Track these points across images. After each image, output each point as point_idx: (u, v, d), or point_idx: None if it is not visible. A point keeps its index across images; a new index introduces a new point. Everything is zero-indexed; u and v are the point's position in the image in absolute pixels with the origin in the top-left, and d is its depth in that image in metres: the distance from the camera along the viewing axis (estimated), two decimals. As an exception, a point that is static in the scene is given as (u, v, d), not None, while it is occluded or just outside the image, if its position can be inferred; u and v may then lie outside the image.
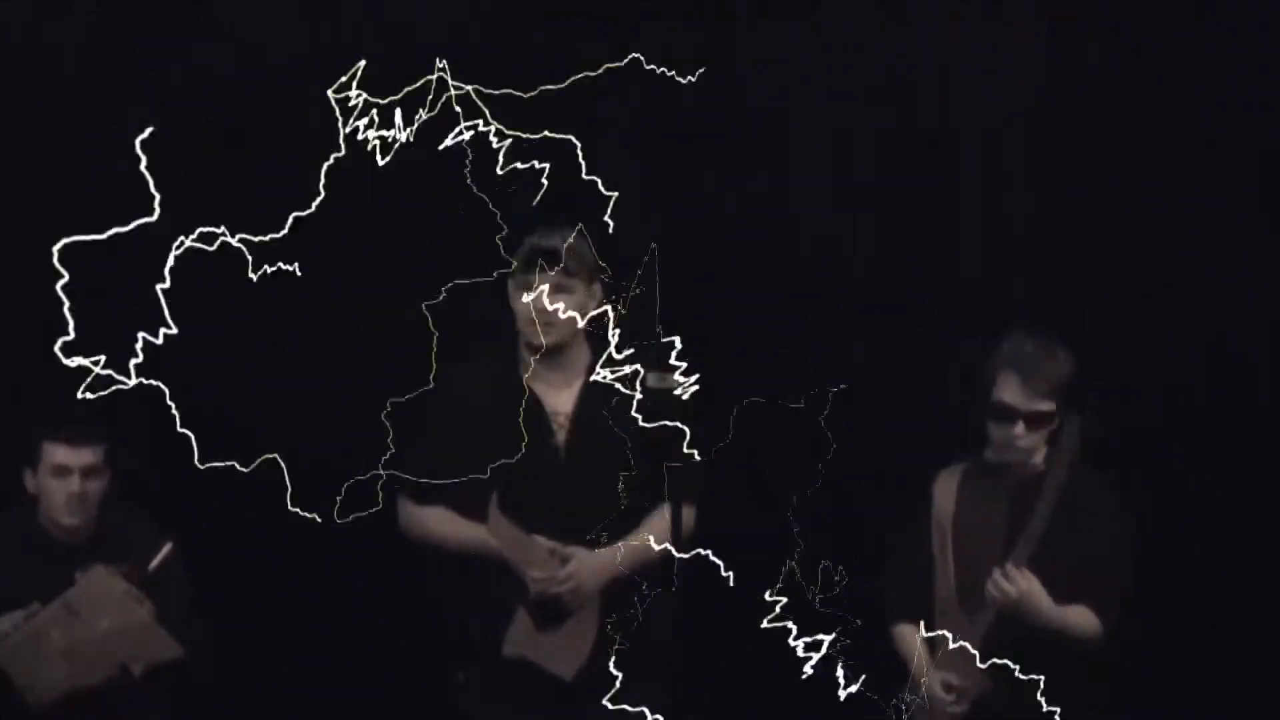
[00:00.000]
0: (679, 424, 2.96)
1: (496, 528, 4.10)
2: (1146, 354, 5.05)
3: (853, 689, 2.99)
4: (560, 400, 4.19)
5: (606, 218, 2.94)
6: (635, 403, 2.92)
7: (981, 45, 5.25)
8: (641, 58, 2.98)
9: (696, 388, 2.94)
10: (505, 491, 4.05)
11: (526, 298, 3.99)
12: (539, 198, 2.76)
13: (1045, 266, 5.18)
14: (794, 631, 2.87)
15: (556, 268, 3.96)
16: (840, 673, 2.95)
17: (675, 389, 3.07)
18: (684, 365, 2.98)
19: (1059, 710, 4.15)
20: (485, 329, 4.17)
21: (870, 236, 5.26)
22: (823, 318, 5.27)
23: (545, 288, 3.95)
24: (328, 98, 2.73)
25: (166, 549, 4.60)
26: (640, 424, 2.90)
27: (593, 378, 3.19)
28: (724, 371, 5.07)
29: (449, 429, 4.16)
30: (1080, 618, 4.20)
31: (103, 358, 2.64)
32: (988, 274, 5.19)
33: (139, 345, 2.65)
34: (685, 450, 2.95)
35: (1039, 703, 4.21)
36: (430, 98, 2.73)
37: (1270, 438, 5.04)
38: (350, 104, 2.71)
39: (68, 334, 2.62)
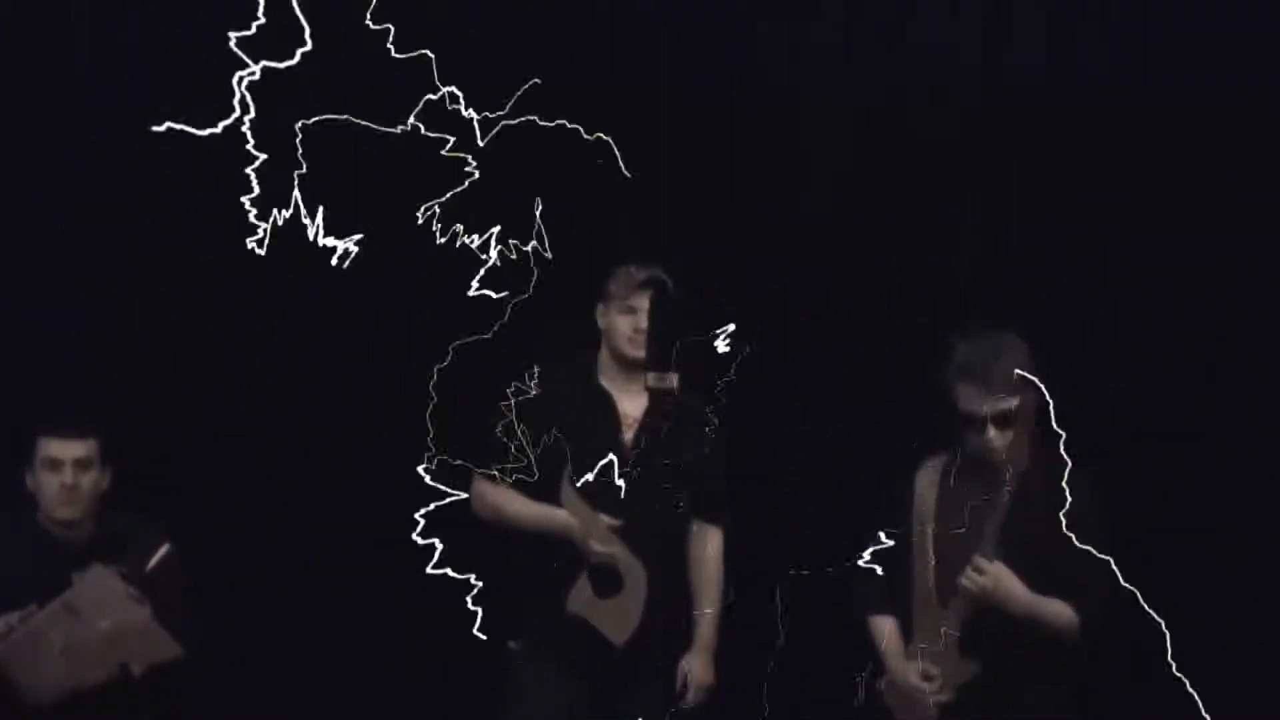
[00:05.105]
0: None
1: (569, 502, 4.60)
2: (1126, 349, 5.07)
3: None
4: (632, 405, 4.69)
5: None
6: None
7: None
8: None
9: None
10: (576, 474, 4.55)
11: (627, 318, 4.63)
12: None
13: (1030, 263, 5.20)
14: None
15: (658, 295, 4.60)
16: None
17: (673, 388, 3.36)
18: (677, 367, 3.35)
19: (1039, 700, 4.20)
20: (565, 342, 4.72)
21: (862, 230, 5.28)
22: (814, 309, 5.30)
23: (646, 309, 4.56)
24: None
25: (164, 550, 4.61)
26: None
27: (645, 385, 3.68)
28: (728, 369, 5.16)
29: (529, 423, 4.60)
30: (1057, 609, 4.19)
31: None
32: (979, 271, 5.21)
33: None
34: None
35: (1020, 689, 4.23)
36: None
37: (1256, 433, 5.05)
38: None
39: None
